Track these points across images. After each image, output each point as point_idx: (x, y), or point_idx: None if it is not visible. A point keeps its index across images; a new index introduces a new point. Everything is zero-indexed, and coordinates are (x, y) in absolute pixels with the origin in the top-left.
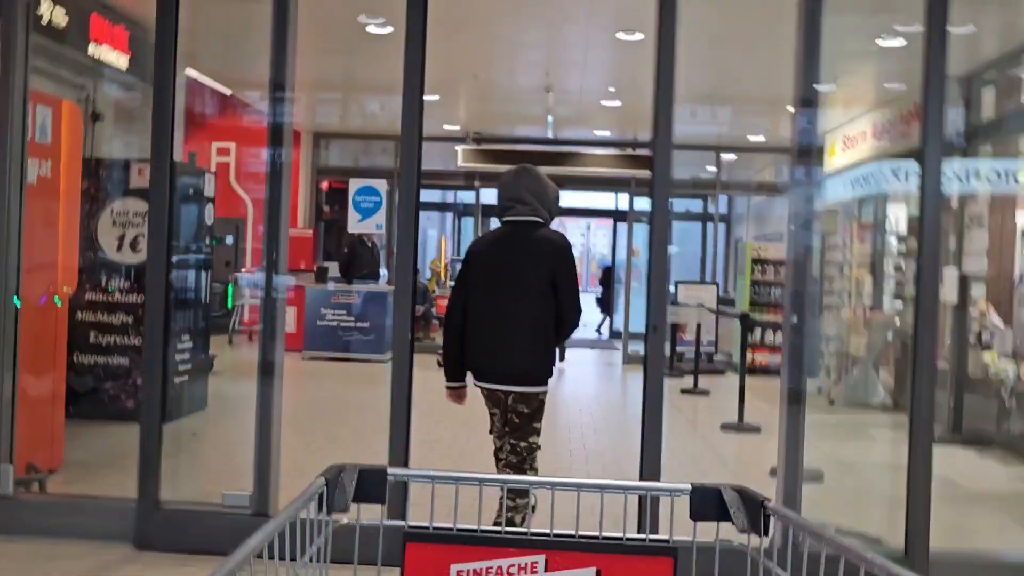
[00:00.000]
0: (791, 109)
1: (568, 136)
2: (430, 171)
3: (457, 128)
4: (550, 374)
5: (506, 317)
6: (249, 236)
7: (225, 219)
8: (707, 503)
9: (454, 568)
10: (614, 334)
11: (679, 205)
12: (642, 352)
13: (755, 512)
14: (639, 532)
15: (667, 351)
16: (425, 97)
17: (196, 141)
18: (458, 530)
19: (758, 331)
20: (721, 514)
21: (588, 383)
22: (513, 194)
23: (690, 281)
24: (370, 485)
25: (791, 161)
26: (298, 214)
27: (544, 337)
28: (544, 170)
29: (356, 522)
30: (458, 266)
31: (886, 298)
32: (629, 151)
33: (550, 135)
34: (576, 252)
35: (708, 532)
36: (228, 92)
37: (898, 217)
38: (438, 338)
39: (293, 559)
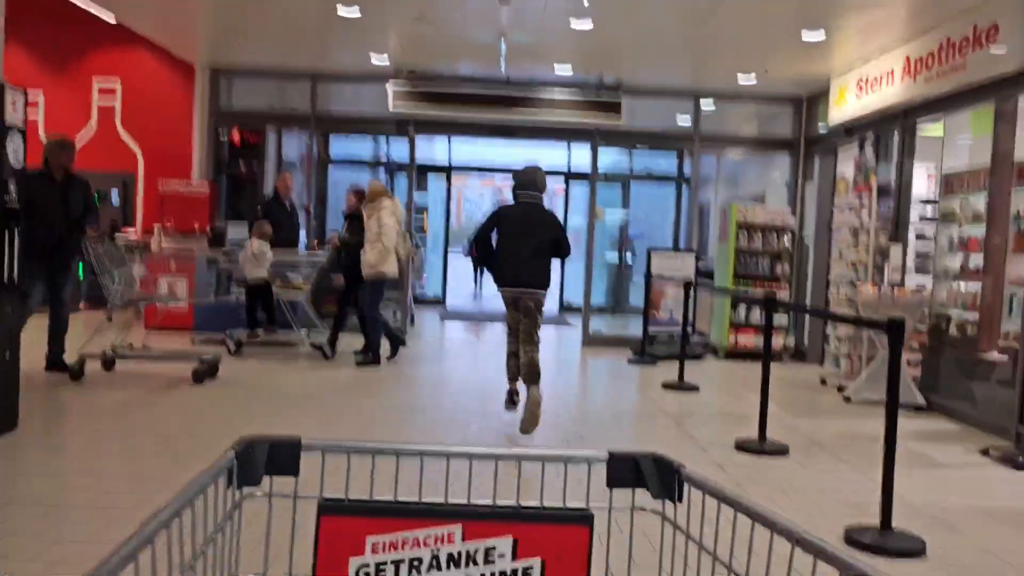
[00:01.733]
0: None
1: (524, 76)
2: (356, 116)
3: (386, 62)
4: (548, 285)
5: (524, 254)
6: (140, 193)
7: (110, 173)
8: (624, 470)
9: (370, 540)
10: (564, 307)
11: (645, 161)
12: (605, 332)
13: (671, 479)
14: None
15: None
16: (342, 8)
17: (70, 77)
18: (374, 501)
19: (742, 309)
20: (637, 481)
21: (546, 372)
22: (529, 183)
23: (664, 248)
24: (283, 457)
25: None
26: (192, 166)
27: (546, 266)
28: (494, 116)
29: (268, 495)
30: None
31: (914, 273)
32: (593, 96)
33: (503, 72)
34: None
35: (626, 499)
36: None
37: (930, 173)
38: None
39: (203, 537)
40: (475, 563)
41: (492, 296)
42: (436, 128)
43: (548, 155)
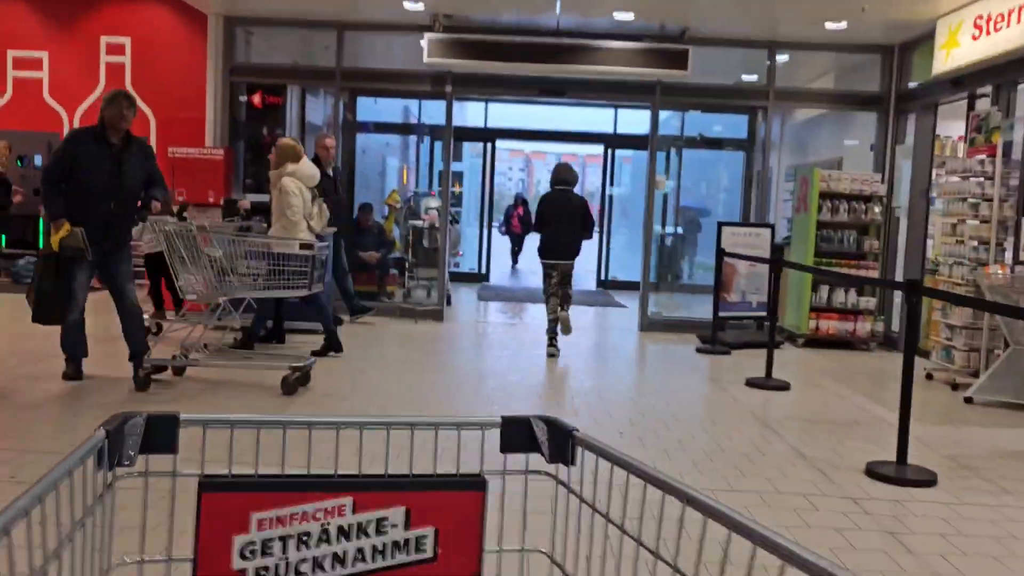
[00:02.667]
0: None
1: (577, 25)
2: (386, 71)
3: (421, 7)
4: (578, 256)
5: (563, 235)
6: None
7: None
8: (517, 435)
9: (255, 516)
10: (604, 283)
11: (697, 125)
12: (665, 315)
13: (563, 442)
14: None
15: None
16: None
17: (77, 36)
18: (259, 476)
19: (823, 290)
20: (531, 445)
21: (601, 364)
22: (563, 179)
23: (736, 223)
24: (160, 434)
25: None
26: (205, 129)
27: (578, 242)
28: (543, 70)
29: (144, 475)
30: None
31: None
32: (655, 44)
33: (555, 19)
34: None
35: (520, 463)
36: None
37: None
38: (402, 294)
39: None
40: (367, 535)
41: (527, 272)
42: (476, 86)
43: (591, 118)
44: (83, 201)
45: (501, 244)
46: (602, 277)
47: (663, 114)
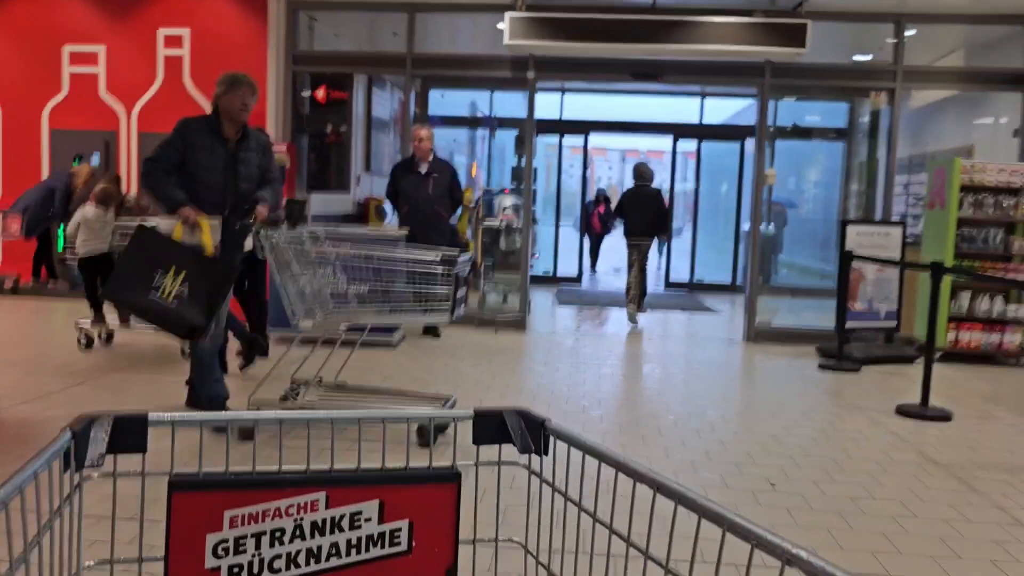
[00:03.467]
0: None
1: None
2: (462, 57)
3: None
4: (654, 236)
5: (642, 221)
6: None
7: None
8: (489, 427)
9: (227, 514)
10: (691, 286)
11: (791, 113)
12: (774, 324)
13: (536, 433)
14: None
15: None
16: None
17: (134, 28)
18: (231, 474)
19: (964, 298)
20: (503, 437)
21: (706, 384)
22: (643, 176)
23: (863, 221)
24: (129, 434)
25: None
26: (266, 124)
27: (652, 227)
28: (638, 51)
29: (113, 476)
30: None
31: None
32: (766, 19)
33: None
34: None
35: (493, 455)
36: None
37: None
38: (476, 300)
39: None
40: (340, 529)
41: (603, 275)
42: (560, 70)
43: (673, 109)
44: (192, 201)
45: (571, 243)
46: (690, 279)
47: (740, 103)
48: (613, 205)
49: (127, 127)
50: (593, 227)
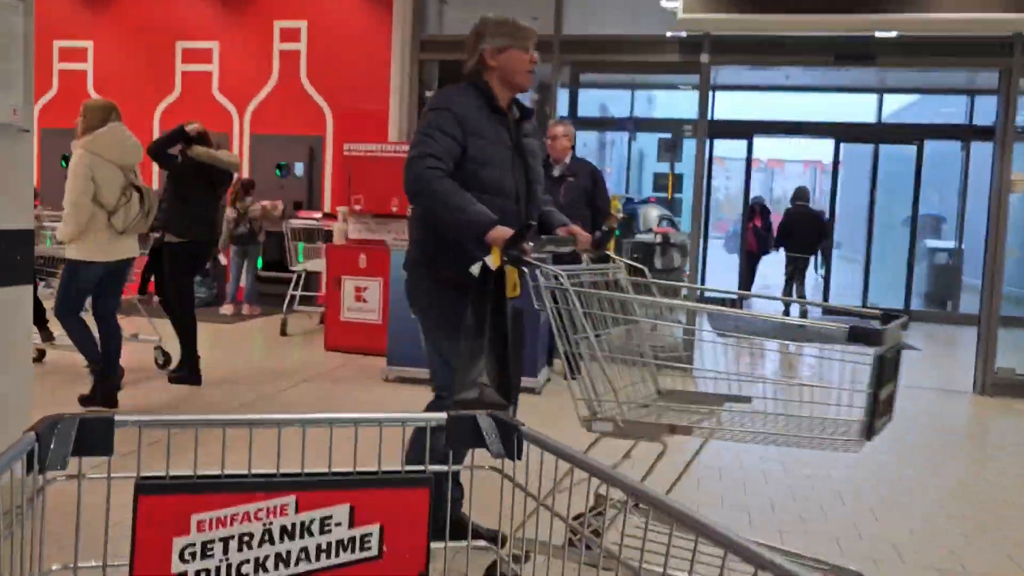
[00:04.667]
0: None
1: None
2: (620, 39)
3: None
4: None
5: (803, 241)
6: (329, 162)
7: (294, 136)
8: (464, 431)
9: (195, 518)
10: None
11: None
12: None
13: (509, 437)
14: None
15: None
16: None
17: (249, 23)
18: (198, 477)
19: None
20: (477, 441)
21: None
22: (801, 196)
23: None
24: (95, 436)
25: None
26: (389, 122)
27: (813, 246)
28: (842, 23)
29: (78, 478)
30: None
31: None
32: None
33: None
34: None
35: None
36: None
37: None
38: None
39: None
40: (310, 534)
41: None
42: (742, 53)
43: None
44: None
45: (721, 261)
46: (863, 302)
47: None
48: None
49: (239, 129)
50: (748, 245)
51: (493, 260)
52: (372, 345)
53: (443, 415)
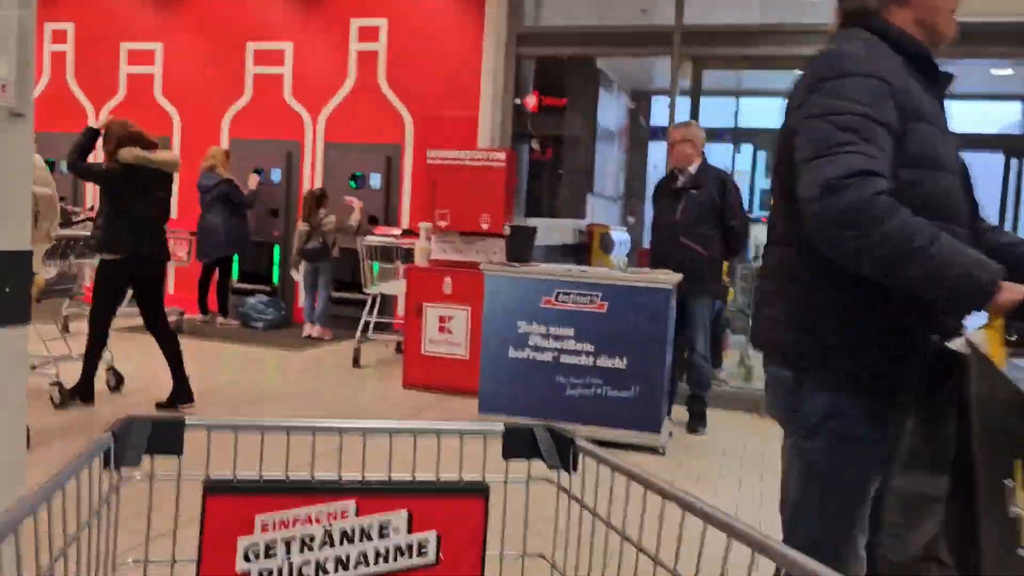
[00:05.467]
0: None
1: None
2: (757, 28)
3: None
4: None
5: None
6: (408, 174)
7: (368, 145)
8: (519, 442)
9: (259, 519)
10: None
11: None
12: None
13: (564, 449)
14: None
15: None
16: None
17: (324, 22)
18: (263, 480)
19: None
20: (532, 452)
21: None
22: None
23: None
24: (166, 437)
25: None
26: (478, 127)
27: None
28: None
29: (150, 476)
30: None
31: None
32: None
33: None
34: None
35: (522, 471)
36: None
37: None
38: (751, 373)
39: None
40: (369, 538)
41: None
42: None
43: None
44: None
45: None
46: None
47: None
48: None
49: (311, 136)
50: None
51: (991, 337)
52: (457, 384)
53: (500, 426)
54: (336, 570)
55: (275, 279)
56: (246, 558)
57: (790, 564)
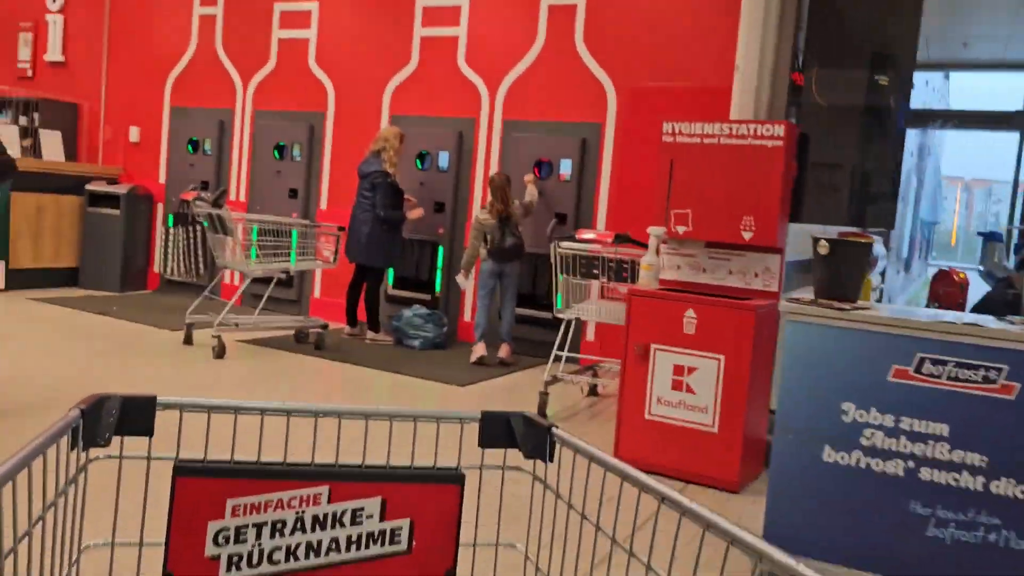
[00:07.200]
0: None
1: None
2: None
3: None
4: None
5: None
6: (606, 162)
7: (558, 124)
8: (496, 430)
9: (230, 502)
10: None
11: None
12: None
13: (542, 439)
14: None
15: None
16: None
17: None
18: (235, 462)
19: None
20: (509, 441)
21: None
22: None
23: None
24: (137, 416)
25: None
26: (732, 95)
27: None
28: None
29: (119, 457)
30: None
31: None
32: None
33: None
34: None
35: (498, 458)
36: None
37: None
38: None
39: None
40: (342, 525)
41: None
42: None
43: None
44: None
45: None
46: None
47: None
48: None
49: (488, 112)
50: None
51: None
52: (696, 467)
53: (477, 413)
54: (307, 556)
55: (437, 286)
56: (216, 542)
57: (764, 556)
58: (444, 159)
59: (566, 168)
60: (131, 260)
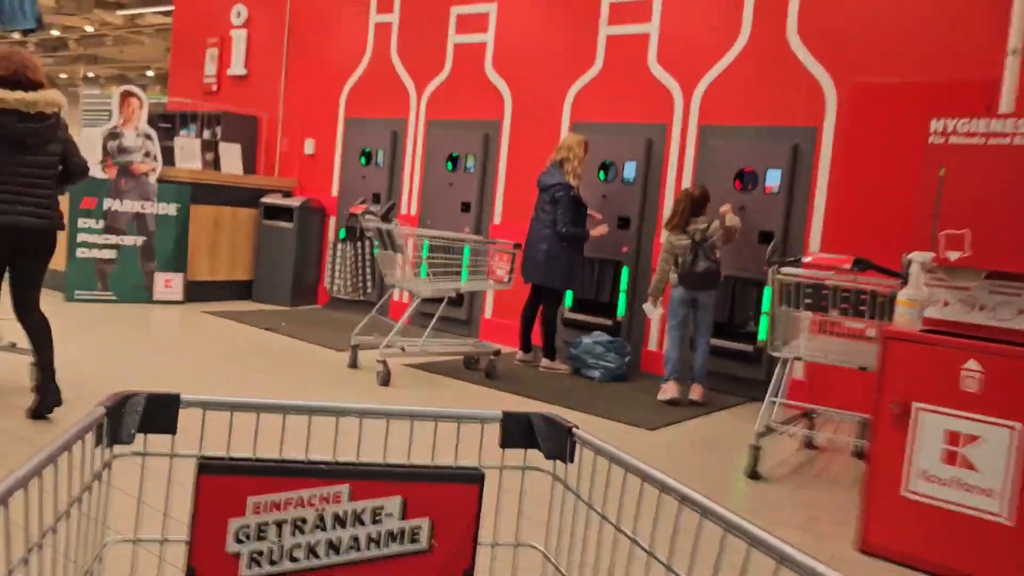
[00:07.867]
0: None
1: None
2: None
3: None
4: None
5: None
6: (822, 177)
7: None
8: (517, 430)
9: (251, 500)
10: None
11: None
12: None
13: (562, 439)
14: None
15: None
16: None
17: None
18: (257, 460)
19: None
20: (529, 441)
21: None
22: None
23: None
24: (161, 414)
25: None
26: (1001, 97)
27: None
28: None
29: (142, 454)
30: None
31: None
32: None
33: None
34: None
35: (518, 459)
36: None
37: None
38: None
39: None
40: (362, 523)
41: None
42: None
43: None
44: None
45: None
46: None
47: None
48: None
49: (681, 117)
50: None
51: None
52: (981, 568)
53: (498, 413)
54: (327, 554)
55: (620, 310)
56: (237, 539)
57: (787, 559)
58: (630, 170)
59: (773, 179)
60: (302, 274)
